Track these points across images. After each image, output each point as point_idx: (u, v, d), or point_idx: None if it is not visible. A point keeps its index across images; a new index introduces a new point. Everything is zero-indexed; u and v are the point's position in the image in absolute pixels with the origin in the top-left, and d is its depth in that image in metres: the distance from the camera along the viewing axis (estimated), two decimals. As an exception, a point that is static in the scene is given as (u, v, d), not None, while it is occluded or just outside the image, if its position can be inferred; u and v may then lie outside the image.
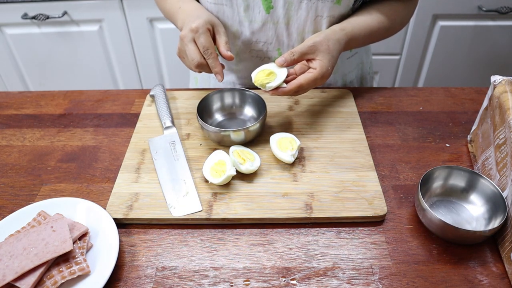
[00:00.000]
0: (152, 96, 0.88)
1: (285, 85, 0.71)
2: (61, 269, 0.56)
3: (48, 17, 1.52)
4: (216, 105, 0.83)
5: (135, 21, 1.57)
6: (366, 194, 0.67)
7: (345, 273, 0.58)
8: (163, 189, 0.69)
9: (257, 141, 0.77)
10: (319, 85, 0.74)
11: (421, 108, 0.88)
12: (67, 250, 0.56)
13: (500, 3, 1.48)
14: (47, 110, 0.90)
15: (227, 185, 0.69)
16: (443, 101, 0.90)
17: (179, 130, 0.81)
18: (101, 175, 0.74)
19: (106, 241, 0.60)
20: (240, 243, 0.62)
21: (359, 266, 0.59)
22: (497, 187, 0.62)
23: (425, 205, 0.60)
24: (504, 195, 0.60)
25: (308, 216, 0.64)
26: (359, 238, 0.63)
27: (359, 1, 0.84)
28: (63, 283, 0.56)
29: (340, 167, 0.72)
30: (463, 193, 0.66)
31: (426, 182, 0.65)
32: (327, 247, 0.61)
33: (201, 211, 0.65)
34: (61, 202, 0.66)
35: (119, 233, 0.61)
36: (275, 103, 0.87)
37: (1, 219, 0.65)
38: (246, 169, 0.69)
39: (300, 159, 0.74)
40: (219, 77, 0.73)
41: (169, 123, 0.80)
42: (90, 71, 1.72)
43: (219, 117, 0.83)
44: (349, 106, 0.86)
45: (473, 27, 1.55)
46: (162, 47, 1.65)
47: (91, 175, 0.74)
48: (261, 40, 0.86)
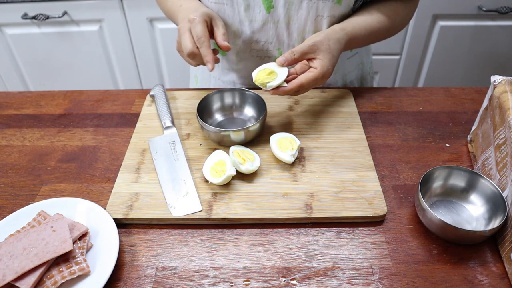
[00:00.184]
0: (152, 96, 0.88)
1: (286, 85, 0.71)
2: (61, 269, 0.56)
3: (48, 17, 1.52)
4: (216, 105, 0.83)
5: (135, 21, 1.57)
6: (366, 194, 0.67)
7: (345, 273, 0.58)
8: (163, 189, 0.69)
9: (257, 141, 0.77)
10: (320, 84, 0.74)
11: (421, 108, 0.88)
12: (67, 250, 0.56)
13: (500, 3, 1.48)
14: (47, 110, 0.90)
15: (227, 185, 0.69)
16: (443, 101, 0.90)
17: (179, 130, 0.81)
18: (101, 175, 0.74)
19: (106, 241, 0.60)
20: (240, 243, 0.62)
21: (359, 266, 0.59)
22: (497, 187, 0.62)
23: (425, 205, 0.60)
24: (504, 195, 0.60)
25: (308, 216, 0.64)
26: (359, 238, 0.63)
27: (360, 1, 0.84)
28: (63, 283, 0.56)
29: (340, 167, 0.72)
30: (463, 193, 0.66)
31: (426, 182, 0.65)
32: (327, 247, 0.61)
33: (201, 211, 0.65)
34: (61, 202, 0.66)
35: (119, 233, 0.61)
36: (275, 103, 0.87)
37: (1, 219, 0.65)
38: (246, 169, 0.69)
39: (300, 159, 0.74)
40: (210, 65, 0.71)
41: (169, 123, 0.80)
42: (90, 71, 1.72)
43: (219, 117, 0.83)
44: (349, 106, 0.86)
45: (473, 27, 1.55)
46: (162, 47, 1.65)
47: (91, 175, 0.74)
48: (261, 39, 0.86)
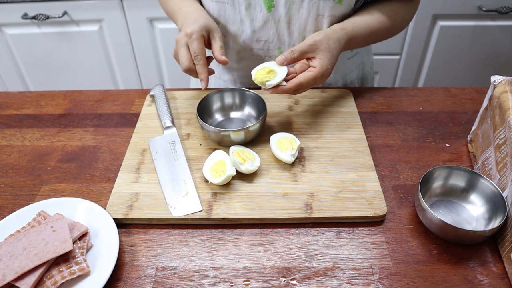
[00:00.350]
0: (152, 96, 0.88)
1: (285, 83, 0.71)
2: (61, 269, 0.56)
3: (48, 17, 1.52)
4: (216, 105, 0.83)
5: (135, 21, 1.57)
6: (366, 194, 0.67)
7: (345, 273, 0.58)
8: (163, 189, 0.69)
9: (257, 141, 0.77)
10: (319, 84, 0.74)
11: (421, 108, 0.88)
12: (67, 250, 0.56)
13: (500, 3, 1.48)
14: (47, 110, 0.90)
15: (227, 185, 0.69)
16: (443, 101, 0.90)
17: (179, 130, 0.81)
18: (101, 175, 0.74)
19: (106, 241, 0.60)
20: (240, 243, 0.62)
21: (359, 266, 0.59)
22: (497, 187, 0.62)
23: (425, 205, 0.60)
24: (504, 195, 0.60)
25: (308, 216, 0.64)
26: (359, 238, 0.63)
27: (361, 1, 0.84)
28: (63, 283, 0.56)
29: (340, 167, 0.72)
30: (463, 193, 0.66)
31: (426, 182, 0.65)
32: (327, 247, 0.61)
33: (201, 211, 0.65)
34: (61, 202, 0.66)
35: (119, 233, 0.61)
36: (275, 103, 0.87)
37: (1, 219, 0.65)
38: (246, 169, 0.69)
39: (300, 159, 0.74)
40: (203, 84, 0.74)
41: (169, 123, 0.80)
42: (90, 71, 1.72)
43: (219, 117, 0.83)
44: (349, 106, 0.86)
45: (473, 27, 1.55)
46: (162, 47, 1.65)
47: (91, 175, 0.74)
48: (262, 38, 0.86)
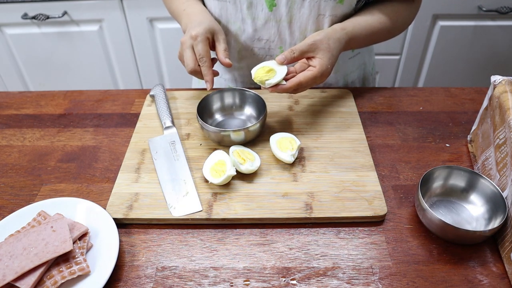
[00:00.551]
0: (152, 96, 0.88)
1: (285, 83, 0.71)
2: (61, 269, 0.56)
3: (48, 17, 1.52)
4: (216, 105, 0.83)
5: (135, 21, 1.57)
6: (366, 194, 0.67)
7: (345, 273, 0.58)
8: (163, 189, 0.69)
9: (257, 141, 0.77)
10: (319, 83, 0.74)
11: (421, 108, 0.88)
12: (67, 250, 0.56)
13: (500, 3, 1.48)
14: (47, 110, 0.90)
15: (227, 185, 0.69)
16: (443, 101, 0.90)
17: (179, 130, 0.81)
18: (101, 175, 0.74)
19: (106, 241, 0.60)
20: (240, 243, 0.62)
21: (359, 266, 0.59)
22: (497, 187, 0.62)
23: (425, 205, 0.60)
24: (504, 195, 0.60)
25: (308, 216, 0.64)
26: (359, 238, 0.63)
27: (362, 1, 0.84)
28: (63, 283, 0.56)
29: (340, 167, 0.72)
30: (463, 193, 0.66)
31: (426, 182, 0.65)
32: (327, 247, 0.61)
33: (201, 211, 0.65)
34: (61, 202, 0.66)
35: (119, 233, 0.61)
36: (275, 103, 0.87)
37: (1, 219, 0.65)
38: (246, 169, 0.69)
39: (300, 159, 0.74)
40: (209, 85, 0.76)
41: (169, 123, 0.80)
42: (90, 71, 1.72)
43: (219, 117, 0.83)
44: (349, 106, 0.86)
45: (473, 27, 1.55)
46: (162, 47, 1.65)
47: (91, 175, 0.74)
48: (263, 37, 0.86)
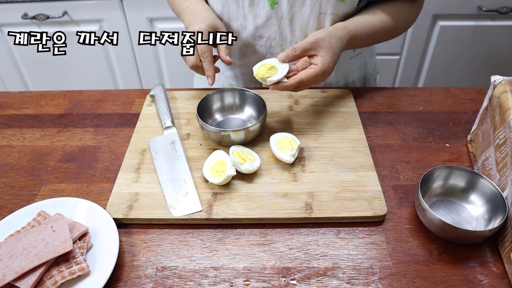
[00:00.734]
0: (152, 96, 0.88)
1: (286, 80, 0.71)
2: (61, 269, 0.56)
3: (48, 17, 1.52)
4: (216, 105, 0.83)
5: (135, 21, 1.57)
6: (366, 194, 0.67)
7: (345, 273, 0.58)
8: (163, 189, 0.69)
9: (257, 141, 0.77)
10: (320, 81, 0.74)
11: (421, 108, 0.88)
12: (67, 250, 0.56)
13: (500, 3, 1.48)
14: (47, 110, 0.90)
15: (227, 185, 0.69)
16: (443, 101, 0.90)
17: (179, 130, 0.81)
18: (101, 175, 0.74)
19: (106, 241, 0.60)
20: (240, 243, 0.62)
21: (359, 266, 0.59)
22: (497, 187, 0.62)
23: (425, 205, 0.60)
24: (504, 195, 0.60)
25: (308, 216, 0.64)
26: (359, 238, 0.63)
27: (364, 0, 0.84)
28: (63, 283, 0.56)
29: (340, 167, 0.72)
30: (463, 193, 0.66)
31: (426, 182, 0.65)
32: (327, 247, 0.61)
33: (201, 211, 0.65)
34: (61, 202, 0.66)
35: (119, 233, 0.61)
36: (275, 103, 0.87)
37: (1, 219, 0.65)
38: (246, 169, 0.69)
39: (300, 159, 0.74)
40: (210, 80, 0.76)
41: (169, 123, 0.80)
42: (90, 71, 1.72)
43: (219, 117, 0.83)
44: (349, 106, 0.86)
45: (473, 27, 1.55)
46: (162, 47, 1.65)
47: (91, 175, 0.74)
48: (264, 35, 0.86)
